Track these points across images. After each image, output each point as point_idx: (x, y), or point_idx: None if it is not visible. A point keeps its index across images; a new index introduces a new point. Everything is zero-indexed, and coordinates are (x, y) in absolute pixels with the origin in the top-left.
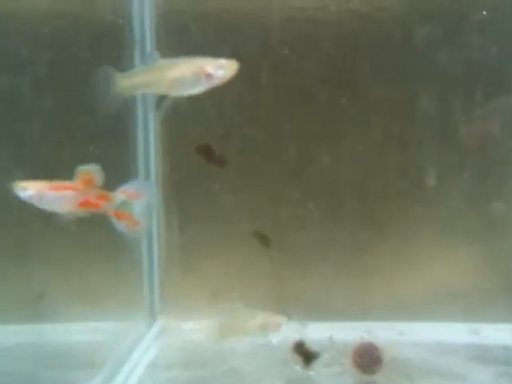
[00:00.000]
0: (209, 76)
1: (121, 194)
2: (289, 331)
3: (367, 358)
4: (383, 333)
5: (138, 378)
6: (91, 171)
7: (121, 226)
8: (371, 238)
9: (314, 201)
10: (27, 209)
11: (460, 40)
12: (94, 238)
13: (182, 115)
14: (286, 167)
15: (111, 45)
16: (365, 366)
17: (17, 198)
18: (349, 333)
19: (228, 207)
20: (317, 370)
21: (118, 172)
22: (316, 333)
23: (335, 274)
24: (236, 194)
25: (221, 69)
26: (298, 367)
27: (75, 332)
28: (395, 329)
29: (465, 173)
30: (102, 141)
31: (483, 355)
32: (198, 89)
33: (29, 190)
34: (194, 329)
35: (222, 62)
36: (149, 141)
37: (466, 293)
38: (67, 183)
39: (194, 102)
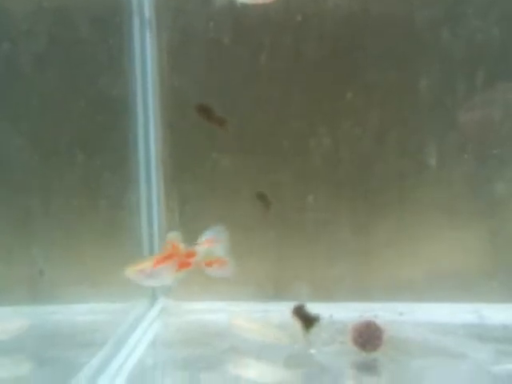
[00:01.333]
0: None
1: (203, 245)
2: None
3: (366, 336)
4: (383, 313)
5: (139, 356)
6: (177, 235)
7: (213, 271)
8: (372, 219)
9: (314, 181)
10: (28, 187)
11: (462, 21)
12: (96, 219)
13: (182, 94)
14: (285, 149)
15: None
16: (364, 344)
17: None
18: (349, 313)
19: (229, 188)
20: (316, 348)
21: (117, 151)
22: (315, 312)
23: (335, 254)
24: (237, 174)
25: None
26: (297, 346)
27: (76, 313)
28: (395, 309)
29: (466, 154)
30: (101, 119)
31: (483, 334)
32: None
33: (142, 272)
34: (195, 309)
35: None
36: (148, 121)
37: (466, 273)
38: (161, 255)
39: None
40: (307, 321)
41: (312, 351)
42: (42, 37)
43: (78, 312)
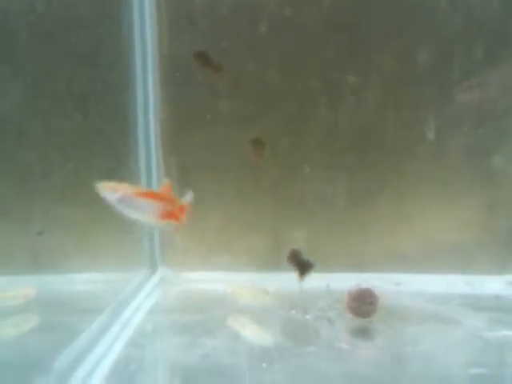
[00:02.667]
0: None
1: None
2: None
3: (360, 301)
4: (380, 283)
5: (139, 322)
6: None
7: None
8: (369, 190)
9: (312, 153)
10: (29, 155)
11: None
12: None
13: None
14: (283, 121)
15: None
16: (358, 309)
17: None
18: (346, 283)
19: (227, 158)
20: (312, 314)
21: (116, 119)
22: (313, 282)
23: (333, 225)
24: (233, 144)
25: None
26: (293, 311)
27: (76, 282)
28: (392, 279)
29: (463, 126)
30: (100, 90)
31: (477, 303)
32: None
33: (117, 192)
34: (194, 279)
35: None
36: (147, 92)
37: (462, 245)
38: (151, 191)
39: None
40: (302, 266)
41: (308, 317)
42: (39, 4)
43: (79, 281)
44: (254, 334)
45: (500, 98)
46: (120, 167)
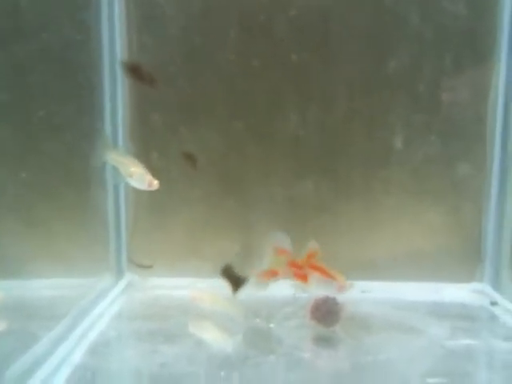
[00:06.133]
0: None
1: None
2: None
3: (324, 310)
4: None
5: (102, 328)
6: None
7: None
8: (337, 198)
9: (281, 160)
10: None
11: (431, 2)
12: (61, 195)
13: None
14: (251, 128)
15: None
16: (321, 318)
17: None
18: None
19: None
20: (277, 322)
21: (84, 127)
22: (279, 290)
23: (299, 232)
24: (203, 153)
25: None
26: (258, 320)
27: (41, 288)
28: (358, 287)
29: (431, 135)
30: (68, 94)
31: (442, 311)
32: None
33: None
34: (160, 285)
35: None
36: (116, 95)
37: (429, 253)
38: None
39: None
40: (235, 281)
41: (271, 325)
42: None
43: (44, 286)
44: (215, 343)
45: (468, 107)
46: (84, 171)
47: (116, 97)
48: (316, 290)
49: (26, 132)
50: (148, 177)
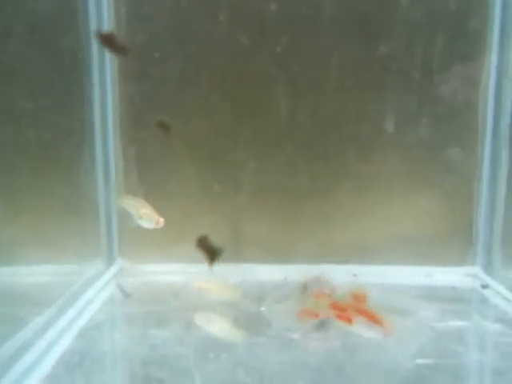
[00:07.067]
0: None
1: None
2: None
3: (313, 290)
4: (338, 275)
5: (94, 312)
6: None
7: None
8: (329, 183)
9: (272, 144)
10: None
11: None
12: (51, 182)
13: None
14: (243, 112)
15: None
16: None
17: None
18: (304, 275)
19: (186, 149)
20: (267, 305)
21: (73, 115)
22: (271, 274)
23: (292, 217)
24: (194, 138)
25: None
26: (249, 304)
27: (32, 274)
28: (350, 271)
29: (423, 119)
30: (57, 83)
31: (432, 295)
32: None
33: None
34: (152, 271)
35: None
36: (105, 82)
37: (421, 237)
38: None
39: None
40: (210, 252)
41: (262, 308)
42: None
43: (35, 273)
44: (205, 326)
45: (459, 91)
46: (74, 157)
47: (105, 75)
48: (361, 331)
49: (13, 116)
50: (155, 216)
